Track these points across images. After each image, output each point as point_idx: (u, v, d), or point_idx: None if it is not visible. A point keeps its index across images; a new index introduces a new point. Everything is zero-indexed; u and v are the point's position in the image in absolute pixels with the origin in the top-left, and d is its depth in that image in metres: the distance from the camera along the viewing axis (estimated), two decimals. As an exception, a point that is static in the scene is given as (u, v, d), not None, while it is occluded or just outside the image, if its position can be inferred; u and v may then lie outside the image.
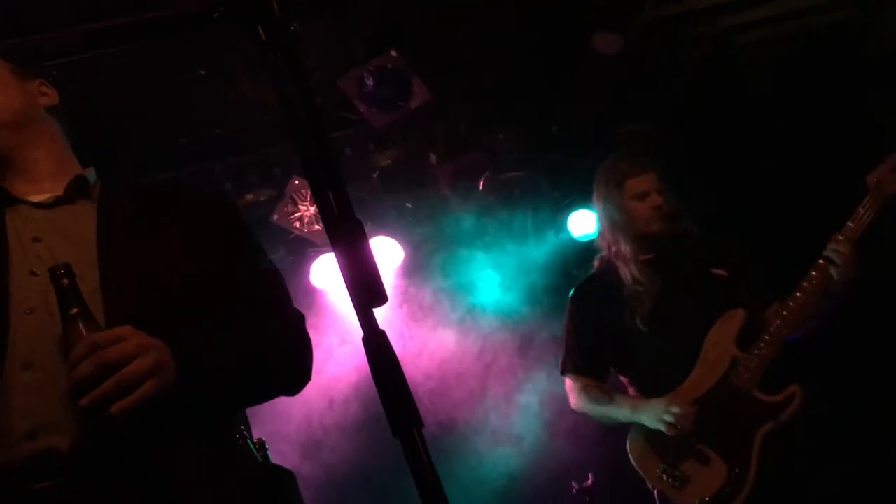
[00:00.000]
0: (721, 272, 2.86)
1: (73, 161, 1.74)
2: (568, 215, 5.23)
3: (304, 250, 4.96)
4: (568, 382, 3.06)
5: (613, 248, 2.98)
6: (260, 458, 1.69)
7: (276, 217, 4.63)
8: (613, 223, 2.98)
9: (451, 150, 5.21)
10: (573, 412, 4.38)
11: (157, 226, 1.64)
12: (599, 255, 3.13)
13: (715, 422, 2.62)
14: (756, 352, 2.67)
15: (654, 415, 2.68)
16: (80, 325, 1.42)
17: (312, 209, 4.59)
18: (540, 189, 5.34)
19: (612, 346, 2.93)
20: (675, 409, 2.63)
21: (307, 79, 1.31)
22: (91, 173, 1.73)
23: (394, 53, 4.05)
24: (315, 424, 4.62)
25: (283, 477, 1.71)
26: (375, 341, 1.26)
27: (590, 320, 3.01)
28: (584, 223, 5.24)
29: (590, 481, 4.05)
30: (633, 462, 2.78)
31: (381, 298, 1.28)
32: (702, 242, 2.95)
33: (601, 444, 4.73)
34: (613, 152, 5.18)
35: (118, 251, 1.55)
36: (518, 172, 5.34)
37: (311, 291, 4.89)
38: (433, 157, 5.16)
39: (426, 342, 4.87)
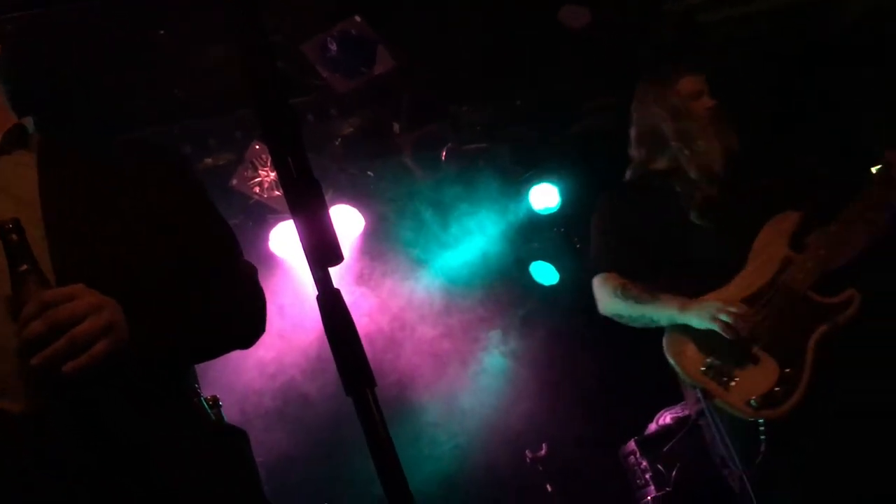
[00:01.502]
0: (769, 180, 2.74)
1: (9, 111, 1.69)
2: (529, 188, 5.26)
3: (263, 216, 4.91)
4: (597, 283, 2.80)
5: (677, 133, 2.78)
6: (213, 417, 1.68)
7: (235, 182, 4.57)
8: (676, 113, 2.78)
9: (414, 119, 5.19)
10: (535, 370, 4.44)
11: (102, 178, 1.60)
12: (631, 166, 2.95)
13: (767, 321, 2.47)
14: (813, 252, 2.52)
15: (707, 314, 2.47)
16: (30, 282, 1.38)
17: (272, 175, 4.54)
18: (502, 162, 5.34)
19: (654, 243, 2.76)
20: (734, 309, 2.45)
21: (267, 39, 1.28)
22: (29, 122, 1.69)
23: (358, 19, 4.00)
24: (269, 388, 4.59)
25: (237, 436, 1.70)
26: (330, 300, 1.25)
27: (628, 218, 2.83)
28: (544, 196, 5.27)
29: (543, 451, 4.10)
30: (670, 359, 2.58)
31: (337, 258, 1.28)
32: (747, 152, 2.84)
33: (556, 413, 4.81)
34: (579, 124, 5.37)
35: (63, 205, 1.51)
36: (481, 144, 5.34)
37: (270, 258, 4.85)
38: (396, 127, 5.13)
39: (384, 310, 4.86)
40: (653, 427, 4.48)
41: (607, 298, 2.76)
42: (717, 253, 2.64)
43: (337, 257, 1.28)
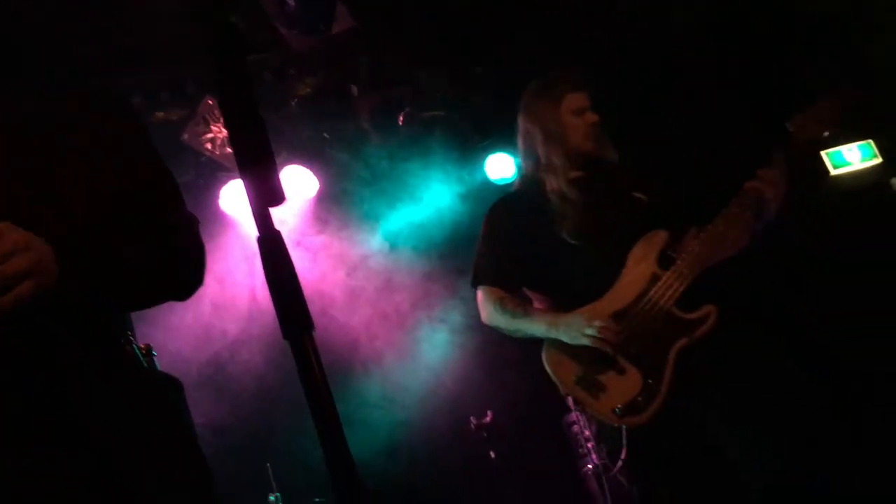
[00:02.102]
0: (641, 196, 2.88)
1: None
2: (486, 157, 5.25)
3: (214, 174, 4.82)
4: (480, 295, 2.94)
5: (543, 162, 2.91)
6: (146, 365, 1.64)
7: (186, 136, 4.47)
8: (547, 136, 2.90)
9: (373, 83, 5.13)
10: (483, 338, 4.47)
11: (40, 117, 1.55)
12: (520, 175, 3.10)
13: (632, 335, 2.65)
14: (676, 270, 2.69)
15: (575, 329, 2.65)
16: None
17: (226, 131, 4.45)
18: (461, 130, 5.31)
19: (531, 258, 2.87)
20: (598, 323, 2.62)
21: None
22: None
23: (318, -26, 3.92)
24: (210, 340, 4.53)
25: (170, 385, 1.67)
26: (271, 242, 1.23)
27: (509, 232, 2.94)
28: (501, 166, 5.26)
29: (488, 418, 4.12)
30: (548, 370, 2.74)
31: (279, 198, 1.25)
32: (623, 167, 2.96)
33: (503, 381, 4.84)
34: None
35: None
36: (440, 112, 5.30)
37: (219, 216, 4.77)
38: (354, 89, 5.07)
39: (335, 272, 4.82)
40: (597, 398, 4.54)
41: (489, 311, 2.90)
42: (589, 269, 2.78)
43: (279, 198, 1.26)
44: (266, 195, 1.24)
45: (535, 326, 2.76)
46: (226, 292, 4.57)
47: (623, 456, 2.61)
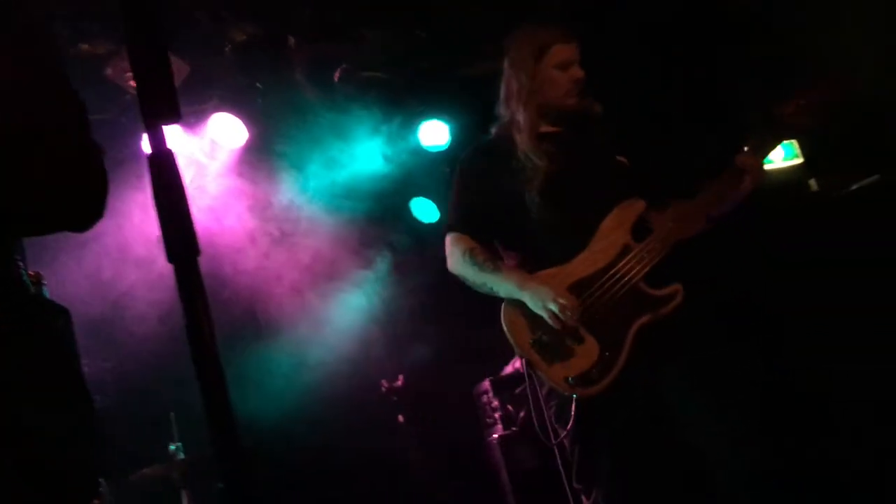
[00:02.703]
0: (623, 160, 2.79)
1: None
2: (420, 123, 5.20)
3: (139, 114, 4.64)
4: (449, 241, 2.84)
5: (515, 118, 2.81)
6: (33, 290, 1.56)
7: (110, 71, 4.29)
8: (521, 91, 2.79)
9: (312, 36, 5.01)
10: (398, 302, 4.44)
11: None
12: (498, 122, 2.95)
13: (596, 305, 2.60)
14: (648, 244, 2.64)
15: (539, 299, 2.58)
16: None
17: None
18: (397, 92, 5.24)
19: (503, 212, 2.79)
20: (563, 301, 2.55)
21: None
22: None
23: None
24: (117, 284, 4.39)
25: (57, 312, 1.60)
26: (162, 159, 1.18)
27: (482, 182, 2.84)
28: (434, 133, 5.23)
29: (400, 382, 4.11)
30: (505, 328, 2.67)
31: (175, 115, 1.20)
32: (606, 126, 2.86)
33: (418, 347, 4.84)
34: (478, 66, 5.33)
35: None
36: (378, 73, 5.22)
37: (143, 158, 4.59)
38: (292, 40, 4.94)
39: (256, 226, 4.72)
40: (508, 369, 4.58)
41: (456, 259, 2.80)
42: (561, 231, 2.71)
43: (174, 114, 1.20)
44: (160, 109, 1.19)
45: (502, 285, 2.68)
46: (141, 236, 4.44)
47: (569, 425, 2.55)
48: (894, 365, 3.73)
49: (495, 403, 4.35)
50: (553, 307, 2.55)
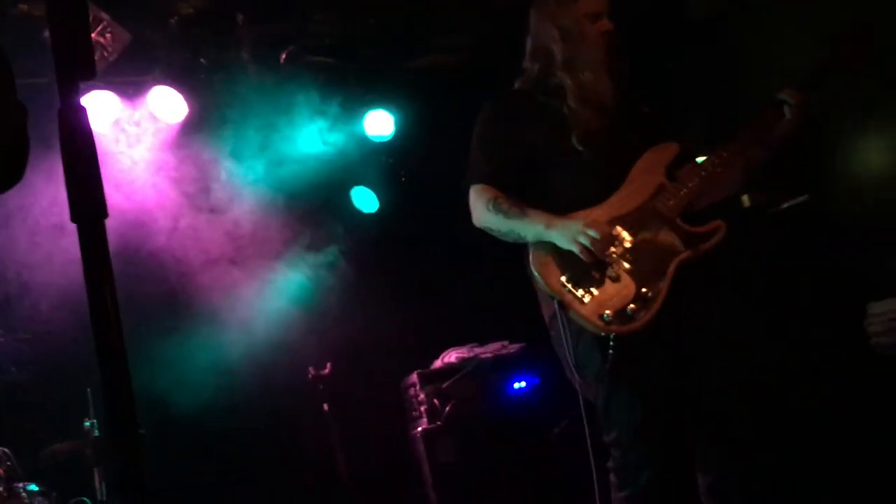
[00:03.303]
0: (650, 111, 2.80)
1: None
2: (365, 112, 5.16)
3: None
4: (473, 194, 2.77)
5: (562, 60, 2.74)
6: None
7: (48, 34, 4.14)
8: (566, 34, 2.73)
9: (260, 16, 4.93)
10: (330, 288, 4.38)
11: None
12: (523, 75, 2.89)
13: (632, 242, 2.54)
14: (685, 183, 2.60)
15: (569, 234, 2.51)
16: None
17: (92, 34, 4.17)
18: (344, 80, 5.20)
19: (529, 160, 2.74)
20: (593, 232, 2.48)
21: None
22: None
23: None
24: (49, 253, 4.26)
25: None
26: (73, 116, 1.14)
27: (507, 131, 2.78)
28: (379, 123, 5.20)
29: (327, 370, 4.08)
30: (534, 270, 2.59)
31: (91, 72, 1.16)
32: (634, 81, 2.83)
33: (349, 338, 4.80)
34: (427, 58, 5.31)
35: None
36: (327, 59, 5.16)
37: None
38: (240, 17, 4.86)
39: (182, 204, 4.61)
40: (437, 364, 4.60)
41: (480, 211, 2.73)
42: (594, 174, 2.67)
43: (91, 72, 1.17)
44: (77, 66, 1.15)
45: (531, 227, 2.61)
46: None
47: (608, 365, 2.47)
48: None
49: (422, 397, 4.36)
50: (583, 239, 2.49)
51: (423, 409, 4.34)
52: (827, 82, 2.76)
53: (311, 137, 4.96)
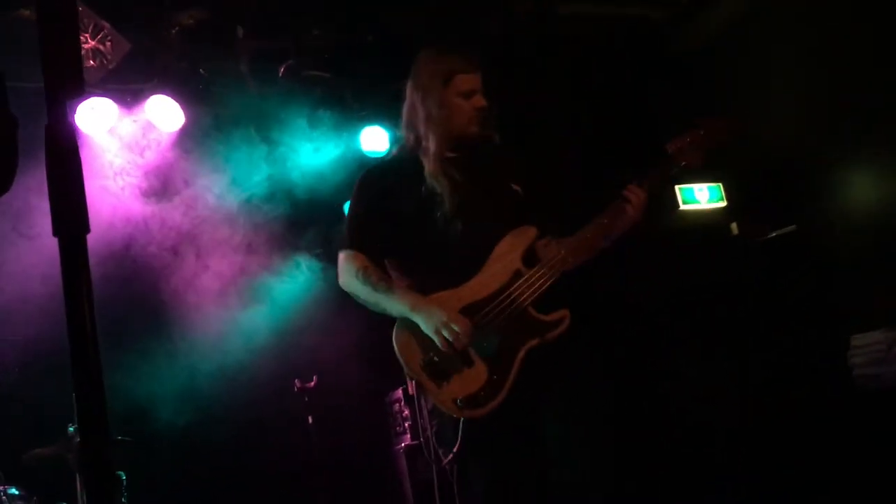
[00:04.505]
0: (517, 187, 2.87)
1: None
2: (361, 128, 5.20)
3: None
4: (343, 258, 2.85)
5: (422, 143, 2.84)
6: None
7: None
8: (429, 117, 2.82)
9: (260, 30, 4.98)
10: (318, 303, 4.41)
11: None
12: (399, 144, 2.98)
13: (487, 329, 2.64)
14: (539, 271, 2.71)
15: (432, 323, 2.60)
16: None
17: (92, 42, 4.21)
18: (342, 96, 5.24)
19: (400, 232, 2.81)
20: (455, 327, 2.59)
21: None
22: None
23: None
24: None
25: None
26: (60, 131, 1.17)
27: (381, 200, 2.86)
28: (375, 139, 5.23)
29: (313, 383, 4.09)
30: (396, 350, 2.69)
31: (80, 90, 1.20)
32: (502, 153, 2.92)
33: (337, 351, 4.82)
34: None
35: None
36: (324, 73, 5.21)
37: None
38: (240, 30, 4.91)
39: (173, 213, 4.64)
40: (423, 381, 4.60)
41: (348, 277, 2.81)
42: (458, 253, 2.75)
43: (79, 89, 1.20)
44: (64, 81, 1.18)
45: (396, 305, 2.69)
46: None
47: (456, 446, 2.58)
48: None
49: (406, 413, 4.37)
50: (444, 331, 2.59)
51: (407, 424, 4.35)
52: (666, 176, 2.93)
53: (307, 151, 5.00)
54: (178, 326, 4.60)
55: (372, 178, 2.94)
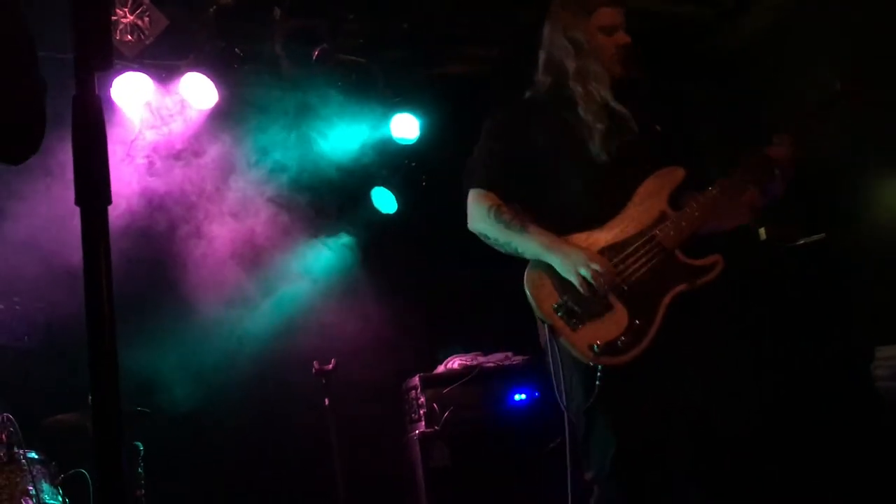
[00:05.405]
0: (659, 129, 2.73)
1: None
2: (392, 115, 5.21)
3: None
4: (473, 197, 2.71)
5: (576, 72, 2.69)
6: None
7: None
8: (579, 49, 2.69)
9: (296, 12, 4.99)
10: (341, 287, 4.41)
11: None
12: (534, 87, 2.84)
13: (629, 271, 2.49)
14: (687, 214, 2.54)
15: (571, 263, 2.46)
16: None
17: (131, 17, 4.25)
18: (374, 82, 5.25)
19: (534, 172, 2.68)
20: (596, 266, 2.43)
21: None
22: None
23: None
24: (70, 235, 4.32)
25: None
26: (87, 102, 1.18)
27: (518, 139, 2.72)
28: (405, 127, 5.24)
29: (331, 365, 4.11)
30: (527, 291, 2.54)
31: (108, 63, 1.21)
32: (648, 95, 2.79)
33: (358, 335, 4.85)
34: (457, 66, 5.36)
35: None
36: (359, 58, 5.22)
37: (109, 104, 4.57)
38: (277, 12, 4.92)
39: (203, 193, 4.67)
40: (441, 369, 4.62)
41: (478, 216, 2.68)
42: (599, 190, 2.62)
43: (109, 63, 1.21)
44: (94, 54, 1.19)
45: (530, 245, 2.55)
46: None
47: (593, 398, 2.40)
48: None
49: (422, 400, 4.38)
50: (585, 272, 2.44)
51: (422, 412, 4.36)
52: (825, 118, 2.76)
53: (338, 134, 5.01)
54: (200, 302, 4.64)
55: (505, 117, 2.83)
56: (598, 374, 2.42)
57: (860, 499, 3.77)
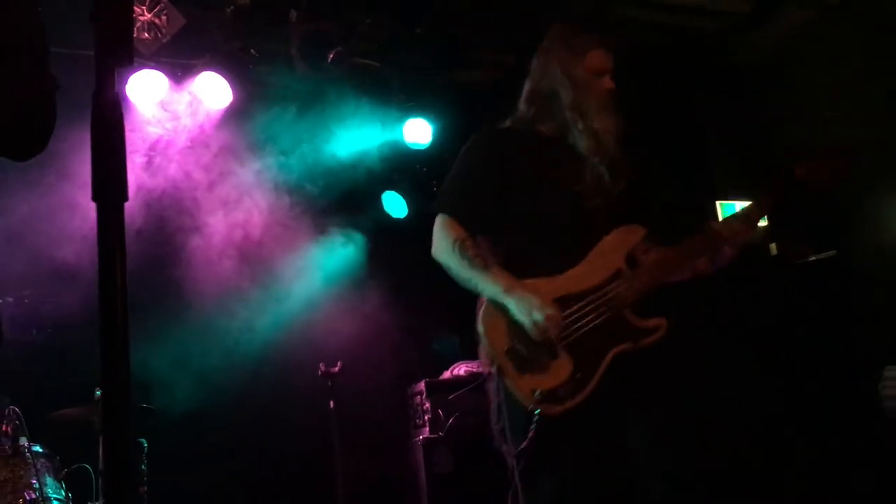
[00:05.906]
0: (632, 187, 2.71)
1: None
2: (406, 119, 5.22)
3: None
4: (440, 224, 2.70)
5: (573, 104, 2.68)
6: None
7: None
8: (577, 84, 2.70)
9: (312, 15, 5.01)
10: (350, 290, 4.40)
11: None
12: (514, 116, 2.81)
13: (579, 324, 2.53)
14: (641, 273, 2.60)
15: (526, 307, 2.48)
16: None
17: (148, 15, 4.27)
18: (388, 86, 5.26)
19: (511, 201, 2.68)
20: (549, 311, 2.47)
21: None
22: None
23: None
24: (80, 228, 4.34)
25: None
26: (106, 99, 1.19)
27: (490, 170, 2.71)
28: (418, 132, 5.25)
29: (337, 367, 4.11)
30: (481, 331, 2.57)
31: (129, 60, 1.22)
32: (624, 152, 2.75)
33: (365, 338, 4.85)
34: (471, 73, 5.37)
35: None
36: (373, 62, 5.24)
37: (124, 102, 4.57)
38: (293, 14, 4.94)
39: (212, 191, 4.69)
40: (446, 375, 4.62)
41: (443, 248, 2.69)
42: (567, 236, 2.65)
43: (129, 60, 1.22)
44: (116, 53, 1.20)
45: (489, 286, 2.56)
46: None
47: (526, 441, 2.44)
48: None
49: (426, 406, 4.38)
50: (538, 318, 2.47)
51: (426, 417, 4.36)
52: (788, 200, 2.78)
53: (349, 138, 5.02)
54: (207, 302, 4.65)
55: (483, 144, 2.79)
56: (534, 421, 2.46)
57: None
